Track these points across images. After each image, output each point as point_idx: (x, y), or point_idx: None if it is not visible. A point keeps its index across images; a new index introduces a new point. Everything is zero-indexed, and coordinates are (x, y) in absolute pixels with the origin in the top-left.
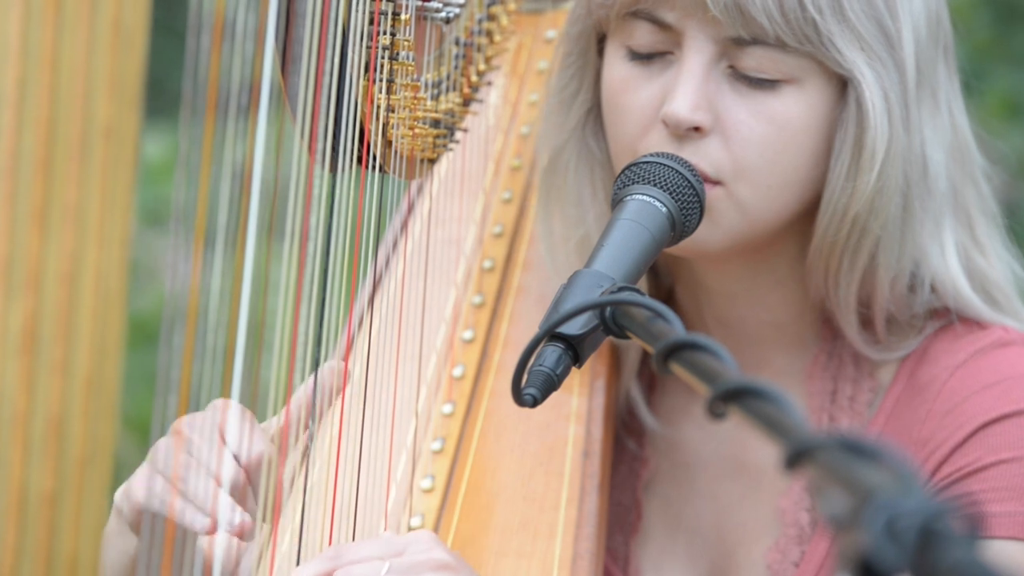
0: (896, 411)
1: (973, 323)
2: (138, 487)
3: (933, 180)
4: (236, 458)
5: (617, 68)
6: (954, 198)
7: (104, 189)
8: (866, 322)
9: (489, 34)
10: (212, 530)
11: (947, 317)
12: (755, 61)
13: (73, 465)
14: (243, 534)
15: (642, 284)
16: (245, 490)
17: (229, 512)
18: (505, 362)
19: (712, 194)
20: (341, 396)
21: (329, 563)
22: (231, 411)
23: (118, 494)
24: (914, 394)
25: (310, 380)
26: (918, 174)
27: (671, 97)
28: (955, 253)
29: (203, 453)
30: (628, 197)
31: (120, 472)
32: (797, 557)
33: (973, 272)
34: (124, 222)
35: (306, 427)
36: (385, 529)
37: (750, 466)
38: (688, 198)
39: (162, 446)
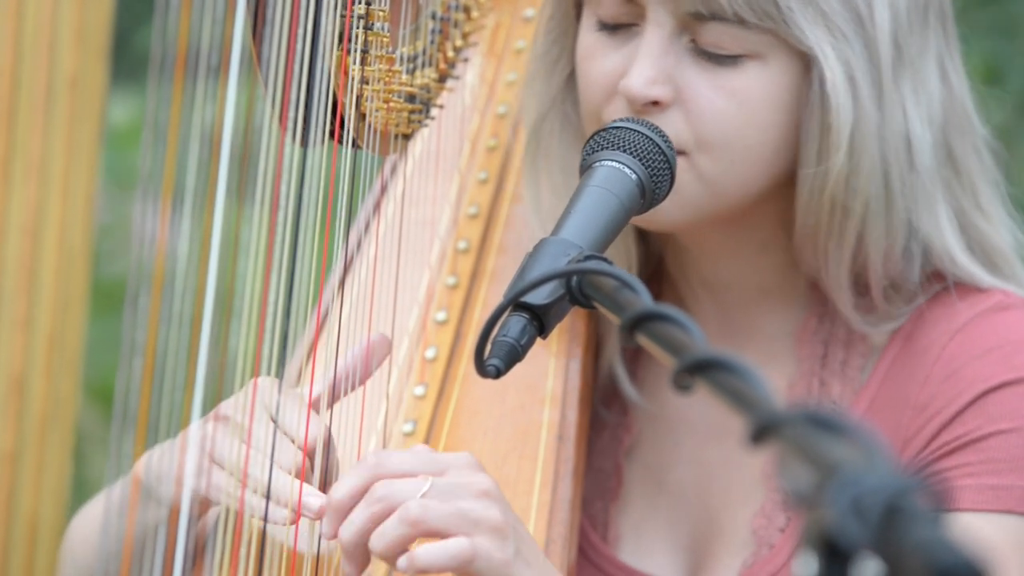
0: (891, 375)
1: (971, 287)
2: (193, 476)
3: (917, 156)
4: (293, 441)
5: (587, 36)
6: (955, 166)
7: (70, 142)
8: (861, 294)
9: (467, 9)
10: (294, 520)
11: (944, 281)
12: (715, 36)
13: (34, 423)
14: (321, 515)
15: (629, 251)
16: (305, 472)
17: (311, 499)
18: None
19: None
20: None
21: (369, 473)
22: (278, 391)
23: (142, 468)
24: (910, 358)
25: (355, 348)
26: (899, 152)
27: (629, 71)
28: (950, 222)
29: (261, 441)
30: (597, 163)
31: (83, 441)
32: (783, 523)
33: (976, 239)
34: (89, 176)
35: (347, 394)
36: None
37: (735, 431)
38: (658, 164)
39: (215, 435)
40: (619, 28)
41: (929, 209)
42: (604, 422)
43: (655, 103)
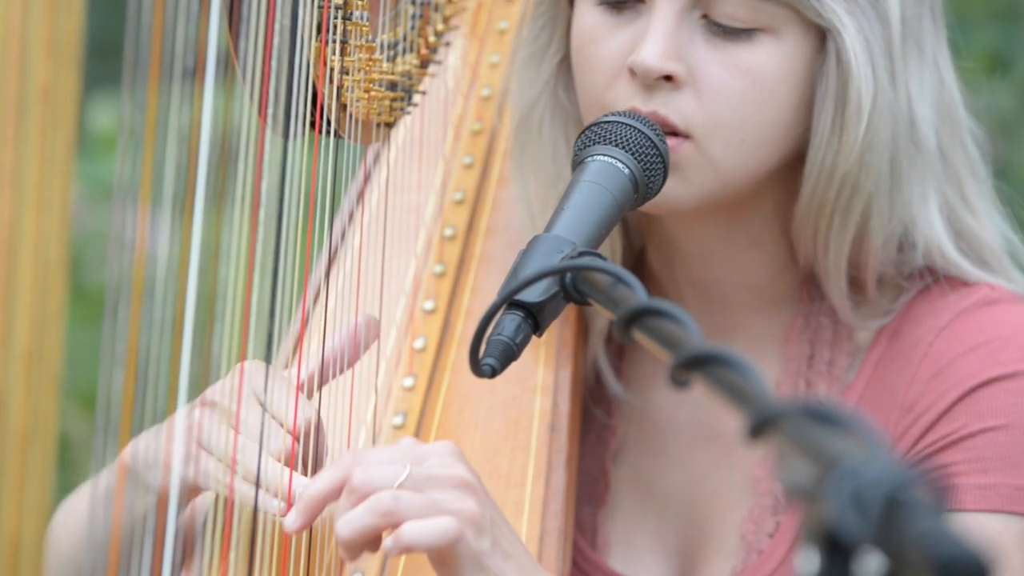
0: (877, 375)
1: (958, 282)
2: (182, 463)
3: (922, 137)
4: (282, 425)
5: (587, 16)
6: (942, 157)
7: (43, 153)
8: (854, 285)
9: None
10: (286, 510)
11: (929, 277)
12: (730, 8)
13: (14, 441)
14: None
15: (612, 246)
16: (295, 457)
17: (303, 490)
18: (468, 333)
19: (683, 150)
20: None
21: (346, 467)
22: (265, 375)
23: (129, 455)
24: (896, 357)
25: (342, 331)
26: (905, 130)
27: (640, 45)
28: (939, 213)
29: (249, 427)
30: (589, 158)
31: (70, 449)
32: (772, 528)
33: (962, 233)
34: (64, 187)
35: (335, 376)
36: None
37: (723, 434)
38: (651, 158)
39: (203, 421)
40: (624, 6)
41: (923, 199)
42: (590, 423)
43: (668, 79)
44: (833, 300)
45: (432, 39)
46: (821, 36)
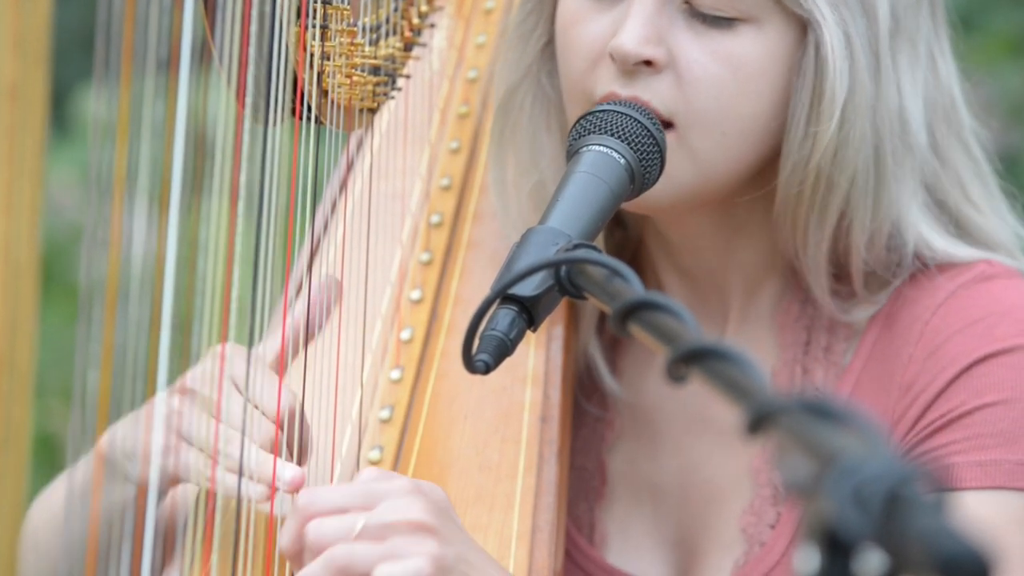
0: (874, 356)
1: (954, 262)
2: (159, 453)
3: (914, 135)
4: (264, 413)
5: (570, 0)
6: (939, 156)
7: (11, 153)
8: (842, 278)
9: None
10: (270, 495)
11: (920, 263)
12: None
13: None
14: (298, 487)
15: (607, 239)
16: (279, 443)
17: (286, 471)
18: (456, 322)
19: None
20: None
21: (301, 517)
22: (245, 361)
23: (106, 444)
24: (893, 337)
25: (303, 298)
26: (893, 127)
27: (620, 30)
28: (929, 211)
29: (232, 416)
30: (584, 148)
31: (58, 450)
32: (773, 519)
33: (967, 229)
34: (34, 188)
35: (303, 347)
36: None
37: (718, 423)
38: (648, 148)
39: (182, 410)
40: None
41: (912, 197)
42: (584, 416)
43: (647, 63)
44: (816, 295)
45: (416, 21)
46: (804, 28)
